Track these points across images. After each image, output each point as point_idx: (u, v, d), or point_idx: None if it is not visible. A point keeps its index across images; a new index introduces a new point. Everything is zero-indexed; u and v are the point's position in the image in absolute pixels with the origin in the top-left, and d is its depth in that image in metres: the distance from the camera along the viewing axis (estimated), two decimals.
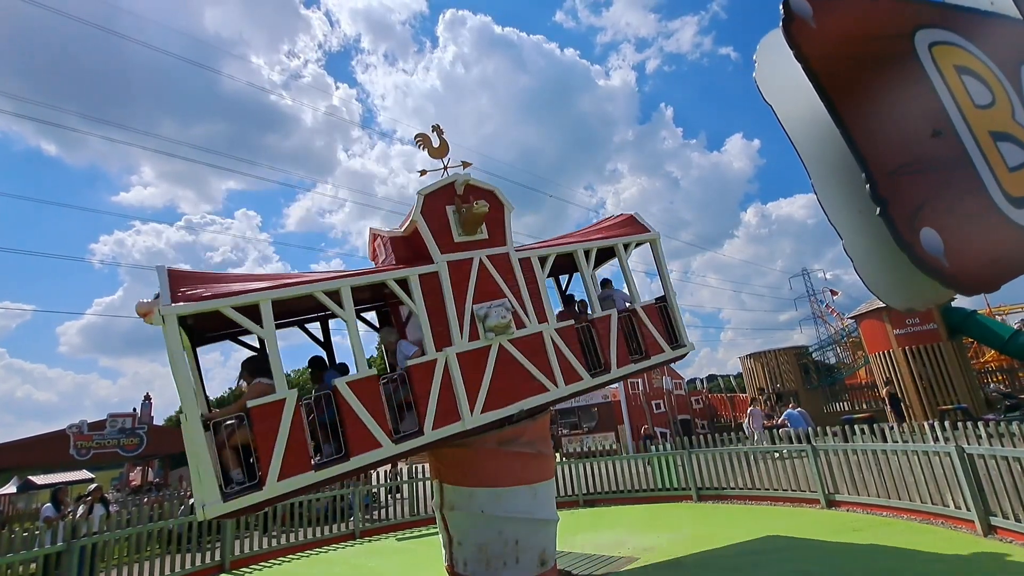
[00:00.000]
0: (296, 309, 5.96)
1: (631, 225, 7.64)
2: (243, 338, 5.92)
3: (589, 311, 6.87)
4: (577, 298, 7.68)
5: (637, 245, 7.51)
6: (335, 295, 5.01)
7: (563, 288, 8.41)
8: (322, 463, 4.68)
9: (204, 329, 5.48)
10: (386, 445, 4.83)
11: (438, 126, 6.43)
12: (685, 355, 7.32)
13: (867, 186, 2.75)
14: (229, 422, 4.61)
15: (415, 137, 6.41)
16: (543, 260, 6.42)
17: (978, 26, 3.47)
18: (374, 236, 6.52)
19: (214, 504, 4.13)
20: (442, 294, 5.52)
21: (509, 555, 5.45)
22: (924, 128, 3.02)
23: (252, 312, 4.58)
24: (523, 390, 5.68)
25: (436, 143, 6.33)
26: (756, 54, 3.36)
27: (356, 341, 5.05)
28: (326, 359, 6.32)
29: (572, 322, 6.39)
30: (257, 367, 4.94)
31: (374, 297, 6.66)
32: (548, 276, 6.66)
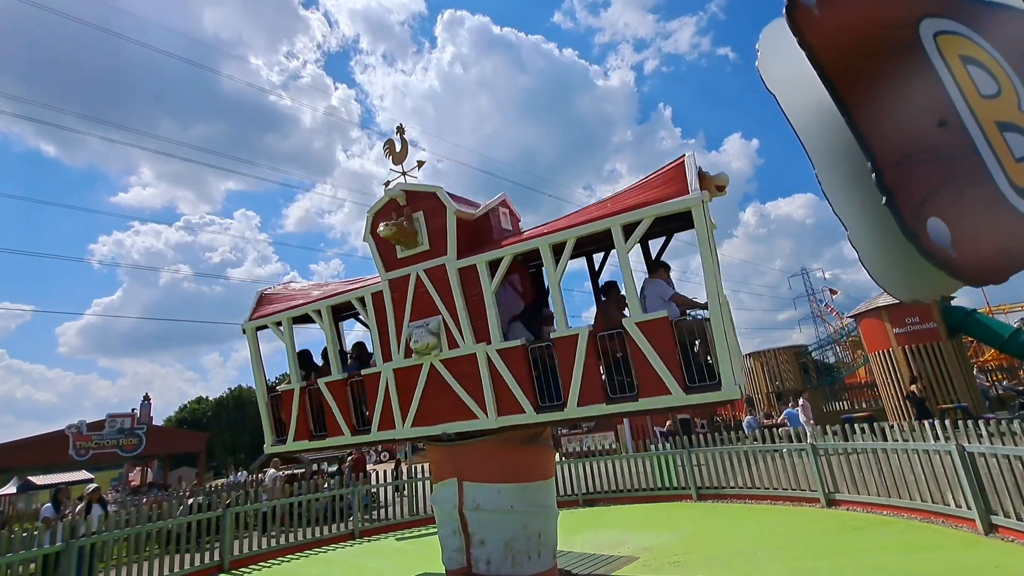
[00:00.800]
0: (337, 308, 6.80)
1: (661, 187, 4.72)
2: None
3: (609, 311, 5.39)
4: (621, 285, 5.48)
5: (655, 222, 4.63)
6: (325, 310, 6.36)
7: (597, 271, 6.27)
8: (314, 436, 6.34)
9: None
10: (347, 434, 6.10)
11: (400, 126, 6.06)
12: (720, 403, 4.46)
13: (873, 176, 2.73)
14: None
15: (384, 145, 6.14)
16: (493, 264, 5.23)
17: (983, 16, 3.45)
18: None
19: (268, 446, 6.79)
20: (386, 311, 5.81)
21: (533, 549, 5.49)
22: (930, 118, 3.01)
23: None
24: (450, 413, 5.42)
25: (399, 147, 5.97)
26: (759, 43, 3.33)
27: (332, 349, 6.30)
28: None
29: (520, 342, 5.15)
30: (304, 360, 6.81)
31: None
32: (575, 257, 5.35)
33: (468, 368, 5.31)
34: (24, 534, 7.44)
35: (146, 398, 29.40)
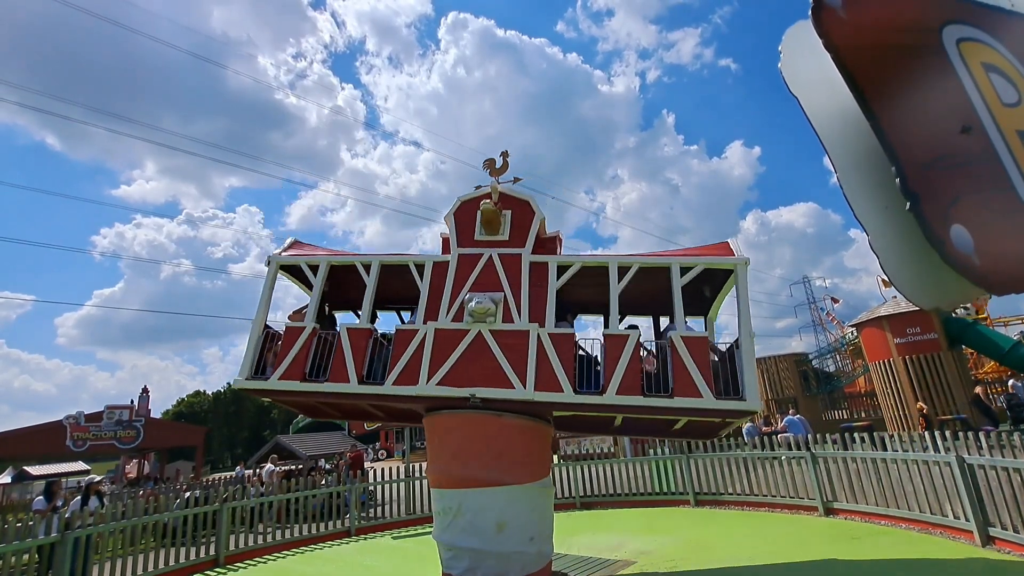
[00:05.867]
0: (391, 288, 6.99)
1: (714, 249, 6.44)
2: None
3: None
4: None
5: (706, 272, 6.12)
6: (368, 268, 6.65)
7: (660, 330, 7.39)
8: (308, 378, 6.14)
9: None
10: (352, 382, 6.01)
11: (506, 152, 7.09)
12: (743, 413, 5.44)
13: (897, 180, 2.73)
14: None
15: (484, 162, 7.11)
16: (562, 268, 6.28)
17: (1003, 23, 3.45)
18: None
19: (240, 379, 6.25)
20: (446, 279, 6.35)
21: None
22: (953, 123, 3.01)
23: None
24: (484, 379, 5.72)
25: (499, 164, 7.02)
26: (782, 45, 3.32)
27: (368, 299, 6.45)
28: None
29: (572, 330, 5.97)
30: (320, 315, 6.68)
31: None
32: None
33: (517, 342, 5.91)
34: (19, 524, 7.42)
35: (144, 391, 29.38)
